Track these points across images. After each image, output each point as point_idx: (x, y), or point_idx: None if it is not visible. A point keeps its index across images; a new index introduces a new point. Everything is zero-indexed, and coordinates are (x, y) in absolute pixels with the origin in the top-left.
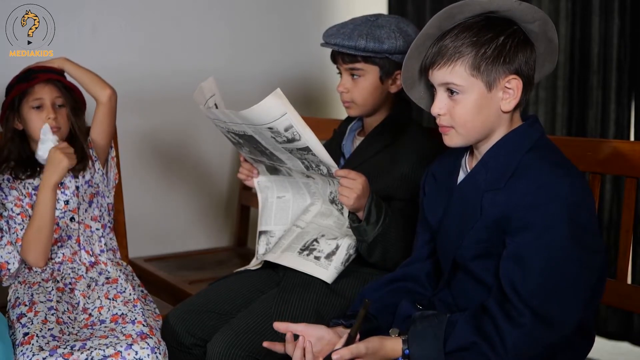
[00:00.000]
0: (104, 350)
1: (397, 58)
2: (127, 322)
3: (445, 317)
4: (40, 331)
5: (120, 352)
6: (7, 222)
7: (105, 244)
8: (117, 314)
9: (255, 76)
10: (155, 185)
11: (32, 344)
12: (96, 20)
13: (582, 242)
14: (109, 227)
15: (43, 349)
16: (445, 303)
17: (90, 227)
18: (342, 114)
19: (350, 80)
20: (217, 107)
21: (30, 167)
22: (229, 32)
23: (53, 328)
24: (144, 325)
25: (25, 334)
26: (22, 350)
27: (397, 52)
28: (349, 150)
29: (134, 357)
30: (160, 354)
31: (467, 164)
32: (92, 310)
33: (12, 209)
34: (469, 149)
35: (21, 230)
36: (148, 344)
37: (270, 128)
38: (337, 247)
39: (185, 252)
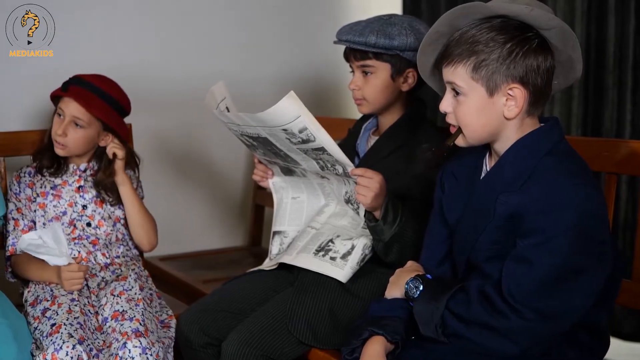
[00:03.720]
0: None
1: (408, 55)
2: (126, 319)
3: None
4: (67, 319)
5: (118, 354)
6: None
7: (125, 252)
8: (118, 310)
9: (268, 77)
10: (170, 184)
11: (61, 332)
12: (96, 20)
13: (588, 251)
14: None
15: (72, 336)
16: None
17: (110, 237)
18: (356, 114)
19: (361, 78)
20: (228, 111)
21: (56, 163)
22: (241, 33)
23: (78, 317)
24: (140, 324)
25: (53, 325)
26: (52, 340)
27: (408, 49)
28: (364, 149)
29: (128, 356)
30: (151, 355)
31: (488, 164)
32: (99, 308)
33: (12, 211)
34: (489, 148)
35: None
36: (140, 343)
37: (284, 130)
38: (352, 247)
39: (200, 251)
